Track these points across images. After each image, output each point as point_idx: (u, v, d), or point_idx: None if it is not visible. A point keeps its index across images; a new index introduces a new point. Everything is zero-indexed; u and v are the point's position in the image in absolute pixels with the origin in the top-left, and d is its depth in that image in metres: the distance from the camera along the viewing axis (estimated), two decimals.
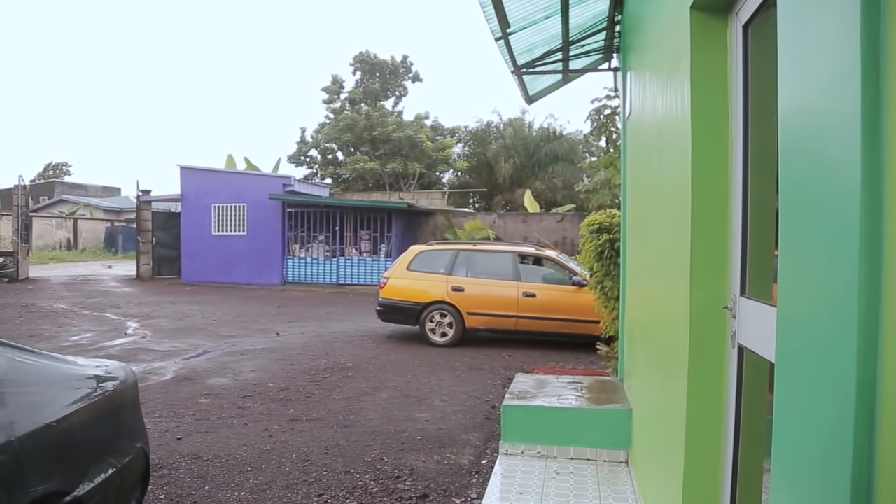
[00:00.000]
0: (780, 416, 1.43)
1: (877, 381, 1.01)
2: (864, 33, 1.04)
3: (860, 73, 1.04)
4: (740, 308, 2.30)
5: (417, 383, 7.49)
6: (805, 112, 1.32)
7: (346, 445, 5.26)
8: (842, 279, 1.10)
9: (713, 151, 2.47)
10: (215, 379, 7.53)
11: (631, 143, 5.26)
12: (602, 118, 9.67)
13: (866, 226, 1.02)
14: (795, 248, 1.37)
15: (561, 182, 29.09)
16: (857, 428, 1.03)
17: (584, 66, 7.29)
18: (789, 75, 1.41)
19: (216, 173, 21.67)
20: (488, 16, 5.13)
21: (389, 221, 19.71)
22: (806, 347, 1.29)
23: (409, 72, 34.41)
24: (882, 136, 1.01)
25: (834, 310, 1.14)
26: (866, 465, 1.03)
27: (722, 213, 2.45)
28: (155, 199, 22.13)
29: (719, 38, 2.50)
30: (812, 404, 1.25)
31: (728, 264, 2.44)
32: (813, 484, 1.23)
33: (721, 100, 2.48)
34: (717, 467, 2.49)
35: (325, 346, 9.87)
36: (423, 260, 10.59)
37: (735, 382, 2.36)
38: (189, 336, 10.56)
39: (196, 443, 5.23)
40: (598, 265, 6.62)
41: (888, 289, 0.99)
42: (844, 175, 1.10)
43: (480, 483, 4.48)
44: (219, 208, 20.58)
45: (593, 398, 5.16)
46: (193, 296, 16.76)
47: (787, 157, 1.41)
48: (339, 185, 31.42)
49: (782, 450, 1.42)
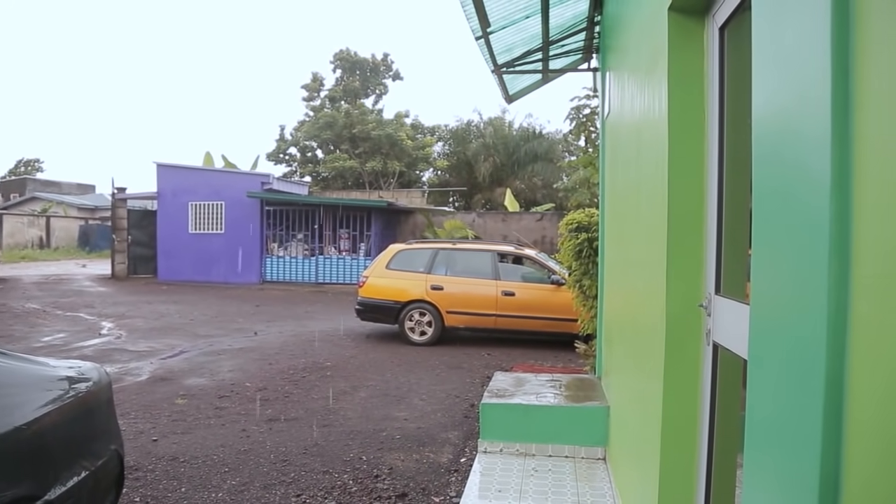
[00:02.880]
0: (752, 412, 1.45)
1: (844, 378, 1.03)
2: (834, 39, 1.06)
3: (830, 77, 1.06)
4: (715, 306, 2.33)
5: (396, 382, 7.49)
6: (778, 114, 1.34)
7: (325, 445, 5.24)
8: (812, 278, 1.12)
9: (689, 152, 2.51)
10: (192, 379, 7.46)
11: (609, 142, 5.30)
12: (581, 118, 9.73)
13: (835, 226, 1.04)
14: (767, 248, 1.39)
15: (540, 181, 29.21)
16: (826, 424, 1.05)
17: (564, 66, 7.33)
18: (763, 78, 1.43)
19: (193, 171, 21.46)
20: (469, 15, 5.14)
21: (369, 220, 19.66)
22: (777, 345, 1.32)
23: (390, 70, 34.34)
24: (851, 139, 1.03)
25: (804, 308, 1.16)
26: (834, 460, 1.05)
27: (697, 212, 2.49)
28: (131, 197, 21.84)
29: (696, 40, 2.53)
30: (782, 400, 1.27)
31: (703, 263, 2.48)
32: (783, 478, 1.26)
33: (697, 101, 2.51)
34: (693, 463, 2.52)
35: (304, 345, 9.82)
36: (403, 259, 10.58)
37: (710, 379, 2.39)
38: (165, 336, 10.44)
39: (172, 444, 5.18)
40: (576, 264, 6.66)
41: (856, 288, 1.02)
42: (815, 176, 1.12)
43: (459, 481, 4.49)
44: (196, 206, 20.38)
45: (571, 396, 5.20)
46: (170, 295, 16.58)
47: (760, 158, 1.43)
48: (318, 184, 31.27)
49: (754, 445, 1.44)
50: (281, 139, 33.65)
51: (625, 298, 4.05)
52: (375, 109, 33.17)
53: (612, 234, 4.96)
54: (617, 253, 4.57)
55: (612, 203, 5.01)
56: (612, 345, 4.89)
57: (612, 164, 5.09)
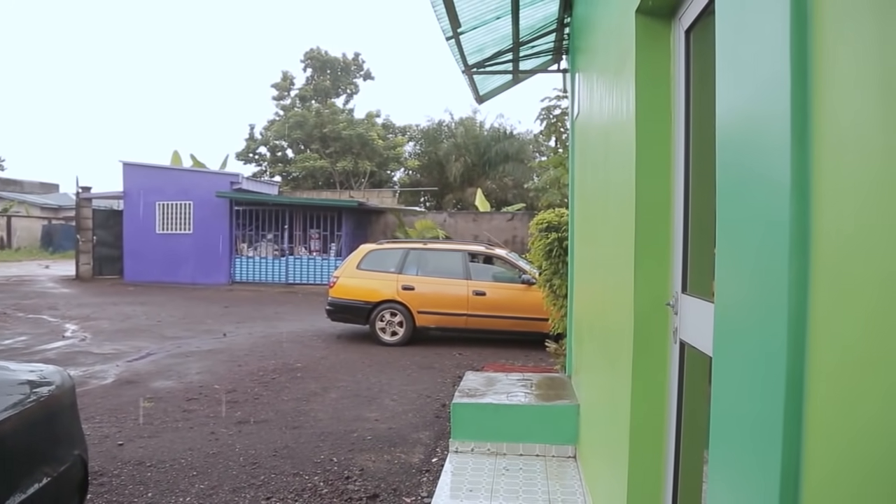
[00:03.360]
0: (717, 408, 1.48)
1: (804, 374, 1.06)
2: (793, 44, 1.08)
3: (790, 80, 1.08)
4: (682, 305, 2.36)
5: (368, 383, 7.46)
6: (740, 117, 1.37)
7: (295, 447, 5.20)
8: (772, 277, 1.15)
9: (656, 153, 2.54)
10: (159, 382, 7.34)
11: (579, 143, 5.34)
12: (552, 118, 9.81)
13: (795, 226, 1.07)
14: (730, 247, 1.42)
15: (511, 181, 29.34)
16: (787, 419, 1.07)
17: (534, 67, 7.38)
18: (726, 81, 1.46)
19: (161, 170, 21.13)
20: (439, 15, 5.15)
21: (339, 220, 19.56)
22: (740, 342, 1.34)
23: (361, 69, 34.16)
24: (810, 141, 1.05)
25: (765, 306, 1.18)
26: (794, 454, 1.07)
27: (664, 212, 2.52)
28: (96, 197, 21.42)
29: (663, 43, 2.57)
30: (745, 396, 1.30)
31: (670, 262, 2.51)
32: (747, 473, 1.28)
33: (664, 102, 2.54)
34: (660, 459, 2.56)
35: (274, 346, 9.73)
36: (374, 259, 10.55)
37: (677, 376, 2.43)
38: (132, 338, 10.26)
39: (139, 448, 5.09)
40: (546, 263, 6.71)
41: (815, 287, 1.04)
42: (775, 177, 1.14)
43: (431, 481, 4.49)
44: (164, 206, 20.09)
45: (542, 395, 5.23)
46: (137, 296, 16.30)
47: (723, 159, 1.46)
48: (288, 183, 30.98)
49: (719, 440, 1.47)
50: (251, 138, 33.28)
51: (594, 297, 4.09)
52: (346, 109, 32.98)
53: (582, 234, 5.00)
54: (586, 252, 4.62)
55: (582, 203, 5.06)
56: (581, 343, 4.93)
57: (581, 165, 5.14)
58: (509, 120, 43.63)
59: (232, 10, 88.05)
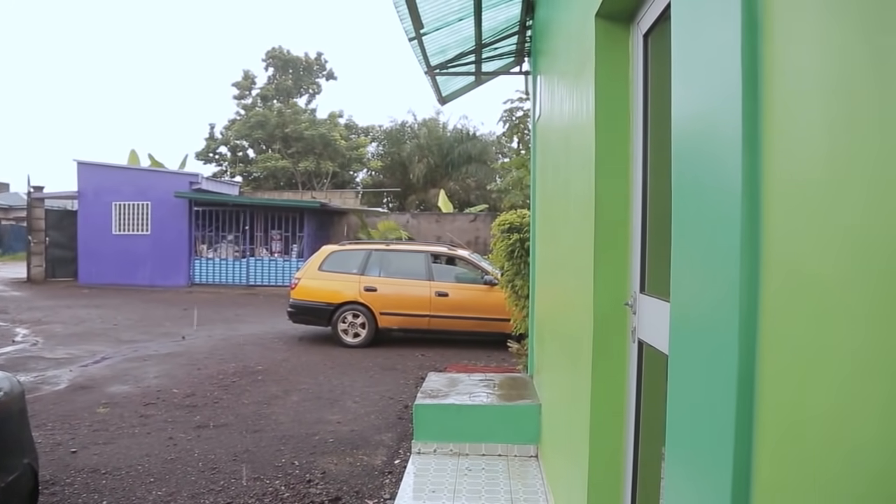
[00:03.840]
0: (673, 406, 1.50)
1: (755, 371, 1.08)
2: (744, 49, 1.11)
3: (741, 84, 1.11)
4: (640, 304, 2.40)
5: (330, 385, 7.40)
6: (694, 119, 1.40)
7: (256, 451, 5.13)
8: (724, 276, 1.17)
9: (615, 154, 2.58)
10: (115, 386, 7.16)
11: (540, 144, 5.39)
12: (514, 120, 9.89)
13: (746, 226, 1.09)
14: (685, 247, 1.44)
15: (474, 182, 29.43)
16: (738, 416, 1.10)
17: (497, 69, 7.42)
18: (681, 84, 1.49)
19: (118, 169, 20.65)
20: (402, 16, 5.14)
21: (301, 221, 19.38)
22: (694, 340, 1.37)
23: (323, 69, 33.91)
24: (760, 143, 1.08)
25: (718, 305, 1.21)
26: (746, 450, 1.10)
27: (623, 213, 2.56)
28: (49, 196, 20.82)
29: (622, 46, 2.61)
30: (699, 393, 1.32)
31: (629, 262, 2.55)
32: (701, 467, 1.31)
33: (623, 105, 2.58)
34: (620, 456, 2.59)
35: (234, 349, 9.59)
36: (336, 260, 10.49)
37: (636, 375, 2.47)
38: (86, 342, 10.00)
39: (93, 455, 4.96)
40: (508, 264, 6.75)
41: (765, 285, 1.07)
42: (727, 179, 1.17)
43: (393, 483, 4.47)
44: (120, 206, 19.66)
45: (504, 395, 5.26)
46: (92, 299, 15.89)
47: (678, 161, 1.48)
48: (249, 184, 30.58)
49: (674, 438, 1.49)
50: (211, 138, 32.74)
51: (555, 298, 4.13)
52: (308, 109, 32.70)
53: (543, 235, 5.05)
54: (547, 253, 4.66)
55: (543, 204, 5.10)
56: (543, 343, 4.97)
57: (542, 166, 5.18)
58: (472, 121, 43.83)
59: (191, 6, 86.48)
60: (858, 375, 0.80)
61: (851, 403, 0.82)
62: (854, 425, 0.81)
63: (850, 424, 0.82)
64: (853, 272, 0.82)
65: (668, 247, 1.53)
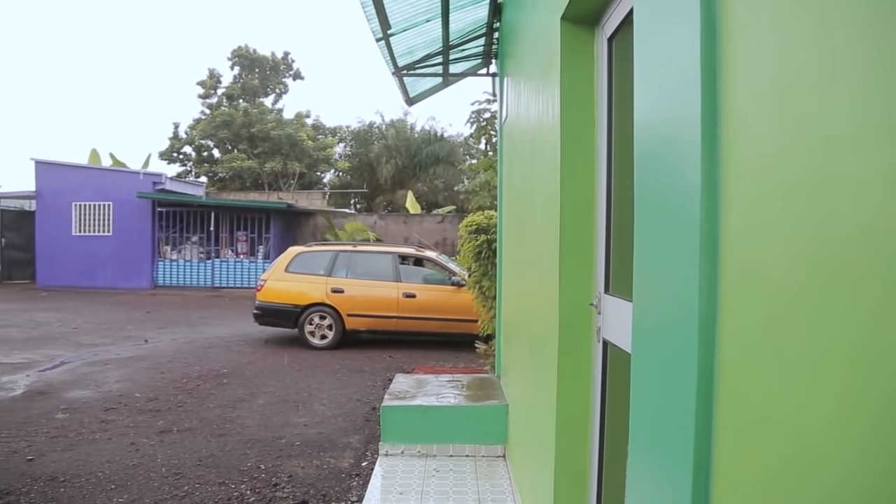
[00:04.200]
0: (636, 404, 1.53)
1: (714, 370, 1.11)
2: (703, 53, 1.13)
3: (700, 88, 1.13)
4: (604, 304, 2.43)
5: (296, 388, 7.33)
6: (655, 121, 1.42)
7: (221, 455, 5.06)
8: (684, 276, 1.19)
9: (580, 156, 2.61)
10: (75, 391, 7.00)
11: (507, 146, 5.42)
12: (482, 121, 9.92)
13: (705, 227, 1.12)
14: (646, 248, 1.47)
15: (442, 183, 29.45)
16: (698, 413, 1.12)
17: (464, 70, 7.44)
18: (643, 88, 1.51)
19: (78, 169, 20.17)
20: (369, 16, 5.12)
21: (268, 222, 19.19)
22: (655, 340, 1.39)
23: (290, 69, 33.56)
24: (719, 147, 1.10)
25: (678, 304, 1.23)
26: (706, 446, 1.12)
27: (588, 214, 2.59)
28: (4, 196, 20.26)
29: (587, 49, 2.64)
30: (660, 392, 1.35)
31: (594, 263, 2.58)
32: (662, 464, 1.33)
33: (588, 107, 2.61)
34: (586, 454, 2.62)
35: (199, 352, 9.44)
36: (302, 261, 10.41)
37: (601, 374, 2.50)
38: (44, 346, 9.74)
39: (51, 463, 4.83)
40: (476, 265, 6.77)
41: (724, 286, 1.09)
42: (687, 180, 1.19)
43: (361, 486, 4.45)
44: (80, 207, 19.23)
45: (471, 395, 5.27)
46: (50, 302, 15.50)
47: (640, 163, 1.51)
48: (214, 184, 30.12)
49: (637, 435, 1.51)
50: (175, 137, 32.16)
51: (521, 299, 4.15)
52: (275, 109, 32.33)
53: (510, 236, 5.08)
54: (514, 254, 4.68)
55: (510, 205, 5.13)
56: (510, 344, 5.00)
57: (509, 168, 5.21)
58: (440, 122, 43.93)
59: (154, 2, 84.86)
60: (814, 372, 0.83)
61: (808, 400, 0.84)
62: (811, 422, 0.83)
63: (808, 421, 0.84)
64: (807, 273, 0.85)
65: (632, 248, 1.55)
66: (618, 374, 2.39)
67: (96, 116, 74.20)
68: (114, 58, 78.90)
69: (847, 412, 0.76)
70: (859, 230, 0.74)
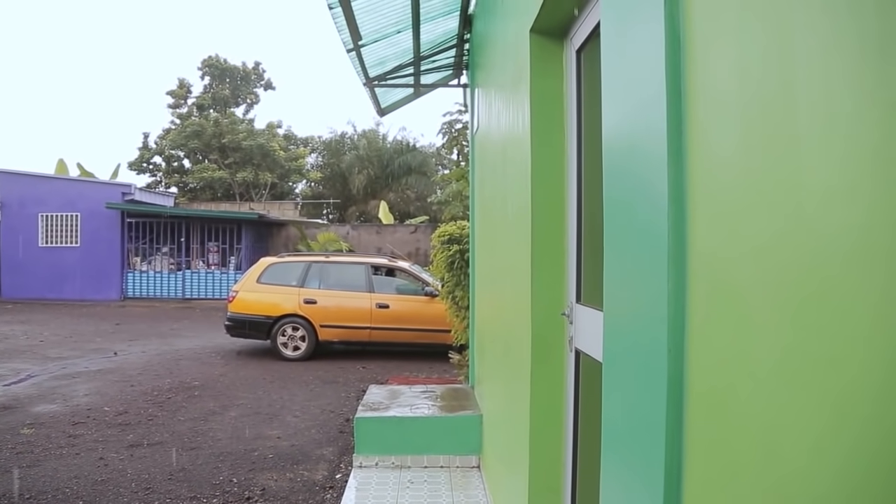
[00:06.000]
0: (608, 412, 1.54)
1: (684, 377, 1.12)
2: (668, 66, 1.16)
3: (665, 100, 1.16)
4: (576, 314, 2.45)
5: (269, 399, 7.26)
6: (623, 133, 1.45)
7: (192, 469, 4.98)
8: (652, 285, 1.21)
9: (550, 167, 2.63)
10: (41, 406, 6.84)
11: (478, 157, 5.45)
12: (454, 132, 9.96)
13: (673, 236, 1.14)
14: (616, 258, 1.49)
15: (414, 194, 29.47)
16: (669, 422, 1.14)
17: (436, 81, 7.47)
18: (610, 99, 1.54)
19: (44, 179, 19.83)
20: (340, 27, 5.12)
21: (239, 233, 19.01)
22: (625, 349, 1.41)
23: (262, 79, 33.36)
24: (685, 158, 1.13)
25: (647, 313, 1.25)
26: (677, 453, 1.14)
27: (559, 225, 2.62)
28: None
29: (556, 61, 2.68)
30: (631, 400, 1.36)
31: (565, 273, 2.60)
32: (634, 471, 1.34)
33: (558, 118, 2.65)
34: (559, 463, 2.64)
35: (170, 364, 9.29)
36: (274, 272, 10.32)
37: (573, 384, 2.52)
38: (9, 360, 9.51)
39: (16, 479, 4.71)
40: (448, 275, 6.77)
41: (692, 295, 1.11)
42: (654, 191, 1.21)
43: (335, 498, 4.41)
44: (47, 218, 18.88)
45: (446, 406, 5.27)
46: (15, 314, 15.14)
47: (609, 174, 1.53)
48: (185, 195, 29.75)
49: (609, 444, 1.53)
50: (144, 147, 31.74)
51: (494, 309, 4.17)
52: (246, 119, 32.08)
53: (482, 246, 5.10)
54: (487, 264, 4.70)
55: (482, 216, 5.15)
56: (483, 354, 5.01)
57: (480, 178, 5.24)
58: (412, 133, 43.85)
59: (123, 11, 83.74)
60: (783, 379, 0.85)
61: (776, 408, 0.86)
62: (779, 429, 0.85)
63: (776, 428, 0.86)
64: (773, 280, 0.87)
65: (602, 257, 1.57)
66: (590, 383, 2.41)
67: (63, 126, 72.80)
68: (82, 66, 77.57)
69: (815, 419, 0.78)
70: (824, 238, 0.76)
